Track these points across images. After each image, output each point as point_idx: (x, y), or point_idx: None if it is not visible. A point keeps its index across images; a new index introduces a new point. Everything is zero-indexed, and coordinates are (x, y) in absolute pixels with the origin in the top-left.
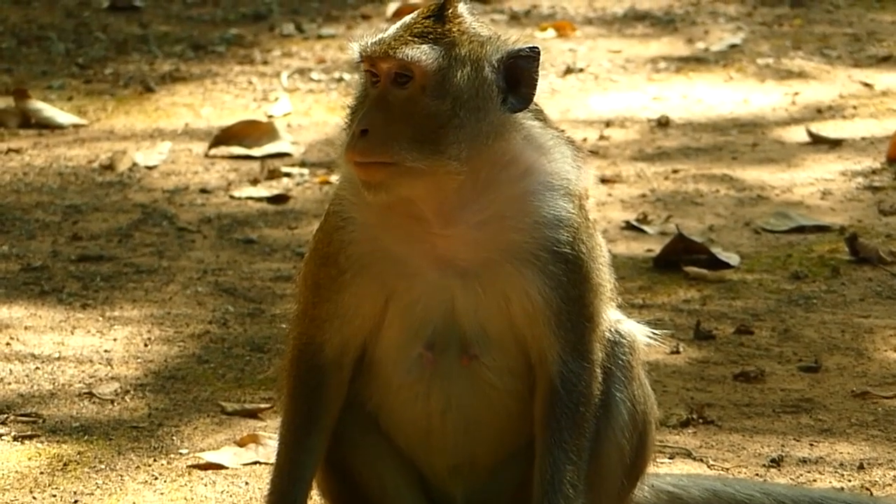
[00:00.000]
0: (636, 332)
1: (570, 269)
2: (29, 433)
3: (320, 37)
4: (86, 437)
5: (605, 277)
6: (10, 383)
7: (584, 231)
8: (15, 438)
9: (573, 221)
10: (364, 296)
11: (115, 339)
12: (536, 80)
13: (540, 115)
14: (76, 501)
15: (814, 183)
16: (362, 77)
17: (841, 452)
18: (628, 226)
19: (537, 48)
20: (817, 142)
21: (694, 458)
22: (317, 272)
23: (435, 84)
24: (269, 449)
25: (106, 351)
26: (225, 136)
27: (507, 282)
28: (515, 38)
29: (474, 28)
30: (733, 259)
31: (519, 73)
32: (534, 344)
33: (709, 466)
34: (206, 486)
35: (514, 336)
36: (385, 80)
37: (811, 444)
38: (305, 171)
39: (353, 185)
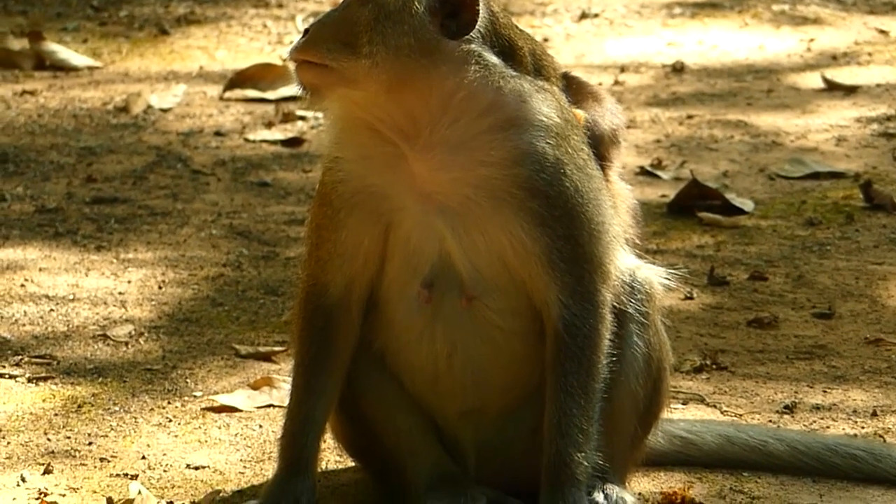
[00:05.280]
0: (653, 278)
1: (554, 206)
2: (43, 375)
3: None
4: (100, 379)
5: (607, 218)
6: (24, 325)
7: (570, 168)
8: (29, 380)
9: (548, 158)
10: (361, 233)
11: (129, 282)
12: (477, 8)
13: (513, 57)
14: (90, 443)
15: (828, 129)
16: None
17: (854, 399)
18: (642, 171)
19: None
20: (832, 88)
21: (707, 404)
22: (317, 213)
23: None
24: (282, 392)
25: (120, 293)
26: (239, 79)
27: (488, 221)
28: None
29: None
30: (747, 205)
31: (459, 1)
32: (532, 286)
33: (722, 412)
34: (219, 428)
35: (510, 277)
36: None
37: (824, 391)
38: (320, 114)
39: (340, 122)
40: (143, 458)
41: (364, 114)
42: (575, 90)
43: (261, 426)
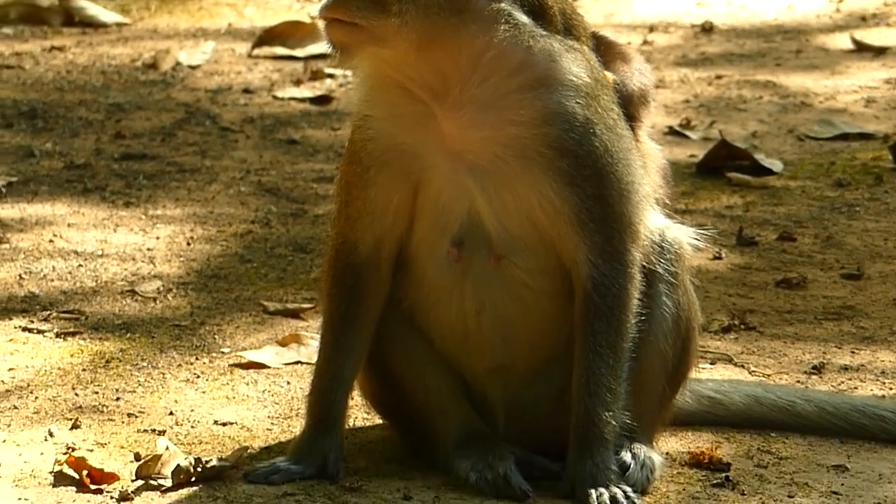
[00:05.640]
0: (683, 238)
1: (583, 166)
2: (71, 330)
3: None
4: (128, 335)
5: (636, 178)
6: (52, 280)
7: (599, 127)
8: (58, 335)
9: (578, 117)
10: (391, 191)
11: (157, 238)
12: None
13: (543, 16)
14: (118, 398)
15: (857, 90)
16: None
17: (882, 360)
18: (671, 131)
19: None
20: (861, 49)
21: (735, 364)
22: (347, 170)
23: None
24: (310, 349)
25: (148, 249)
26: (268, 37)
27: (517, 180)
28: None
29: None
30: (776, 165)
31: None
32: (561, 245)
33: (750, 372)
34: (247, 384)
35: (539, 236)
36: None
37: (853, 352)
38: (348, 72)
39: (369, 81)
40: (171, 413)
41: (394, 72)
42: (604, 50)
43: (288, 383)
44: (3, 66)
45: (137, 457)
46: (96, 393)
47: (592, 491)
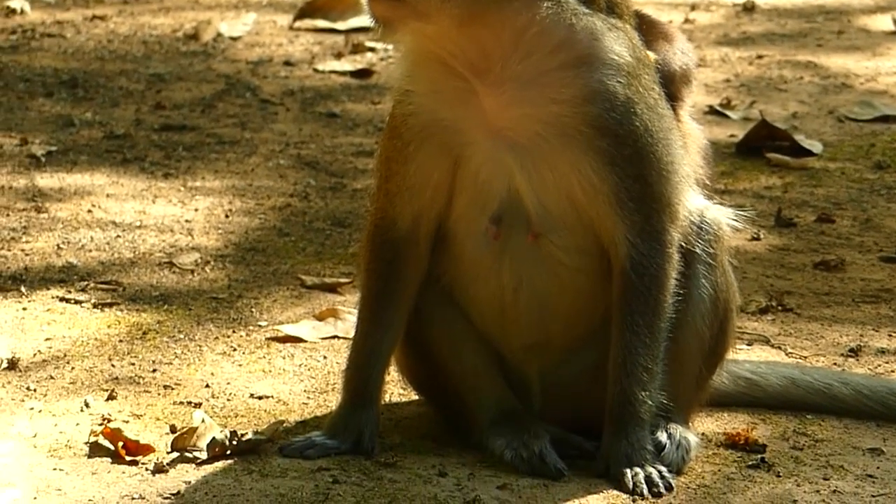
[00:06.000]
0: (722, 219)
1: (623, 145)
2: (109, 301)
3: None
4: (165, 307)
5: (676, 158)
6: (91, 250)
7: (640, 107)
8: (95, 306)
9: (619, 96)
10: (430, 166)
11: (196, 210)
12: None
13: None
14: (154, 370)
15: None
16: None
17: None
18: (711, 110)
19: None
20: None
21: (772, 346)
22: (387, 145)
23: None
24: (347, 324)
25: (187, 221)
26: (310, 9)
27: (557, 158)
28: None
29: None
30: (816, 147)
31: None
32: (600, 224)
33: (787, 354)
34: (284, 358)
35: (577, 215)
36: None
37: (890, 335)
38: (389, 46)
39: (411, 56)
40: (207, 386)
41: (436, 48)
42: (646, 29)
43: (325, 357)
44: (45, 35)
45: (173, 429)
46: (133, 364)
47: (627, 470)
